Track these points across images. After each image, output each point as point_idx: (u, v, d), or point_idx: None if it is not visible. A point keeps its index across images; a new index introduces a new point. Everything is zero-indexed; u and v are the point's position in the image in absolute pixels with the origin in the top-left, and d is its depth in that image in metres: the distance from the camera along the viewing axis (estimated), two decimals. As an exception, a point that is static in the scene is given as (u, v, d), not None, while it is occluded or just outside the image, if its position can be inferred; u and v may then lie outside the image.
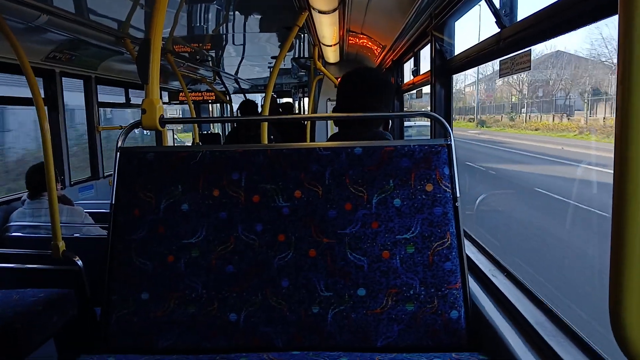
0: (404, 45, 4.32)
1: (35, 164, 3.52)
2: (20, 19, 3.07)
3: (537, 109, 23.77)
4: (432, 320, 1.52)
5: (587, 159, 12.76)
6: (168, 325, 1.58)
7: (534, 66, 17.53)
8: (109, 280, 1.62)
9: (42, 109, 2.80)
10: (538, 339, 1.33)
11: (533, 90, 24.74)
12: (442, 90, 3.04)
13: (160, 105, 1.60)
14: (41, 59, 4.24)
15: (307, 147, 1.64)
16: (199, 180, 1.64)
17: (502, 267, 1.86)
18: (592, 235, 7.27)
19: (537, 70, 22.99)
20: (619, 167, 0.63)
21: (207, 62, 6.84)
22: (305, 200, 1.60)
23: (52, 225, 2.75)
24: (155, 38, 1.55)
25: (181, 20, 3.99)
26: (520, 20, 1.85)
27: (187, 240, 1.61)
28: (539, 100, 24.07)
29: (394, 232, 1.56)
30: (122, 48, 4.43)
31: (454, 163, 1.59)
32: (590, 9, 1.29)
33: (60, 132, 4.72)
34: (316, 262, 1.57)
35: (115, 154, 1.69)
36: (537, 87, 24.39)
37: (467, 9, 2.68)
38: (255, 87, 11.11)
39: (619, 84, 0.63)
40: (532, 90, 24.86)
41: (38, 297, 2.50)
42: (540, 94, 24.19)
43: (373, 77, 2.01)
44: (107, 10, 3.55)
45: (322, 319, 1.55)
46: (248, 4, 3.72)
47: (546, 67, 23.29)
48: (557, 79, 23.19)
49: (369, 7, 3.70)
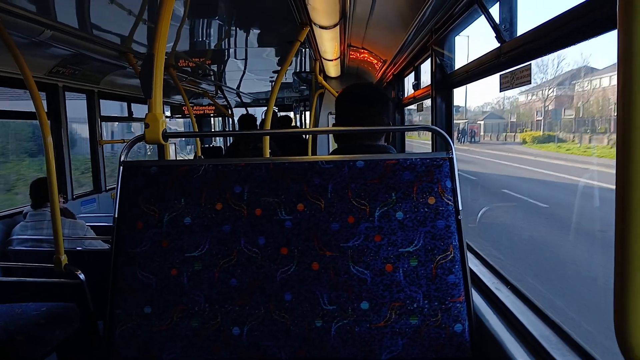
0: (404, 59, 4.35)
1: (41, 177, 3.54)
2: (25, 34, 3.11)
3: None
4: (436, 334, 1.52)
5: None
6: (171, 339, 1.58)
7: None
8: (111, 294, 1.62)
9: (46, 123, 2.82)
10: (543, 353, 1.33)
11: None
12: (443, 104, 3.06)
13: (163, 119, 1.61)
14: (44, 74, 4.28)
15: (309, 161, 1.65)
16: (201, 193, 1.64)
17: (506, 280, 1.86)
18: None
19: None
20: (622, 174, 0.64)
21: (209, 77, 6.90)
22: (308, 213, 1.60)
23: (54, 238, 2.75)
24: (158, 53, 1.57)
25: (184, 35, 4.03)
26: (520, 35, 1.87)
27: (190, 253, 1.61)
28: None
29: (397, 245, 1.56)
30: (124, 63, 4.47)
31: (456, 176, 1.60)
32: (589, 23, 1.31)
33: (63, 145, 4.74)
34: (319, 276, 1.57)
35: (119, 167, 1.70)
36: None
37: (467, 23, 2.71)
38: (257, 100, 11.19)
39: (619, 99, 0.64)
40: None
41: (40, 311, 2.49)
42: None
43: (370, 91, 2.02)
44: (110, 26, 3.59)
45: (325, 332, 1.54)
46: (250, 19, 3.76)
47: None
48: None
49: (369, 22, 3.74)
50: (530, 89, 23.85)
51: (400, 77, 5.20)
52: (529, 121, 27.16)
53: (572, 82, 23.14)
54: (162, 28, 1.59)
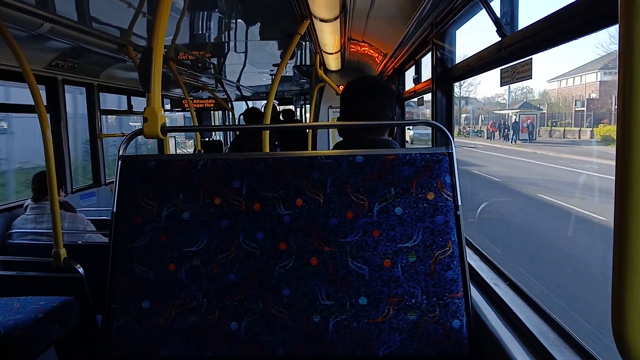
0: (405, 53, 4.33)
1: (43, 170, 3.53)
2: (23, 27, 3.09)
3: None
4: (434, 330, 1.51)
5: None
6: (169, 334, 1.58)
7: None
8: (110, 289, 1.62)
9: (45, 117, 2.81)
10: (541, 349, 1.33)
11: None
12: (444, 98, 3.04)
13: (162, 113, 1.60)
14: (44, 67, 4.27)
15: (309, 155, 1.64)
16: (200, 188, 1.64)
17: (504, 275, 1.86)
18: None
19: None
20: (621, 171, 0.63)
21: (209, 70, 6.87)
22: (307, 208, 1.60)
23: (53, 232, 2.75)
24: (157, 46, 1.56)
25: (183, 28, 4.01)
26: (521, 29, 1.86)
27: (189, 248, 1.61)
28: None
29: (396, 240, 1.55)
30: (124, 56, 4.45)
31: (455, 171, 1.59)
32: (590, 18, 1.30)
33: (62, 139, 4.74)
34: (317, 271, 1.56)
35: (117, 162, 1.69)
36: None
37: (468, 17, 2.69)
38: (257, 94, 11.16)
39: (620, 94, 0.63)
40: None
41: (39, 305, 2.49)
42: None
43: (374, 84, 2.02)
44: (109, 19, 3.57)
45: (323, 327, 1.54)
46: (250, 12, 3.74)
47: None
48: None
49: (370, 15, 3.72)
50: (561, 75, 18.85)
51: (401, 71, 5.18)
52: (567, 113, 22.12)
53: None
54: (161, 21, 1.58)
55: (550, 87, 19.05)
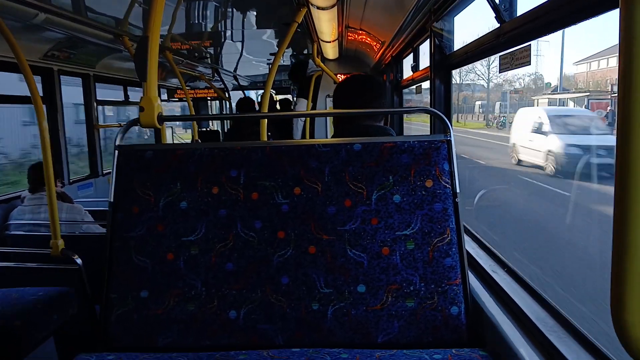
0: (403, 41, 4.30)
1: (39, 161, 3.51)
2: (18, 17, 3.06)
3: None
4: (432, 317, 1.52)
5: None
6: (168, 323, 1.58)
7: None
8: (108, 279, 1.62)
9: (41, 108, 2.79)
10: (539, 335, 1.33)
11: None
12: (442, 85, 3.02)
13: (159, 103, 1.59)
14: (39, 57, 4.23)
15: (307, 144, 1.63)
16: (197, 177, 1.63)
17: (502, 262, 1.86)
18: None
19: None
20: (620, 164, 0.63)
21: (205, 59, 6.82)
22: (305, 197, 1.59)
23: (51, 223, 2.75)
24: (153, 35, 1.54)
25: (179, 17, 3.98)
26: (520, 15, 1.84)
27: (187, 237, 1.61)
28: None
29: (394, 228, 1.55)
30: (120, 46, 4.41)
31: (454, 159, 1.59)
32: (590, 2, 1.28)
33: (59, 130, 4.71)
34: (316, 259, 1.56)
35: (114, 151, 1.68)
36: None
37: (467, 4, 2.67)
38: (255, 84, 11.09)
39: (620, 80, 0.62)
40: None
41: (37, 296, 2.49)
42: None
43: (367, 79, 2.16)
44: (104, 8, 3.54)
45: (322, 315, 1.54)
46: (246, 1, 3.70)
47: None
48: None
49: (367, 2, 3.69)
50: (590, 57, 16.41)
51: (399, 59, 5.14)
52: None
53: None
54: (156, 10, 1.56)
55: (578, 71, 16.96)
